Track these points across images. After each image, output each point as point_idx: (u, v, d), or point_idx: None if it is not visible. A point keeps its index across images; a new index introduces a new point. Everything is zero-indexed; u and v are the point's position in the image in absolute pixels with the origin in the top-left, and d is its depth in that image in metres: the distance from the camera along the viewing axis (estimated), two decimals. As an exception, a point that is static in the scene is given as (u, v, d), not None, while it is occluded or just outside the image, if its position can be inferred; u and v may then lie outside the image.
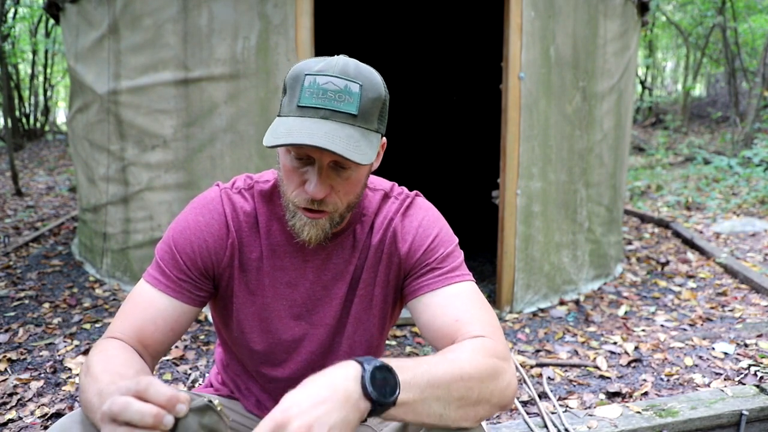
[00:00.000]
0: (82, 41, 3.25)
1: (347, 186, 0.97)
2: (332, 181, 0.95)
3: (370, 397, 0.74)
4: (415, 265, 1.07)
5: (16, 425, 1.92)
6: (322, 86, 0.90)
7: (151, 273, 1.04)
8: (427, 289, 1.04)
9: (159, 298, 1.02)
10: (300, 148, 0.91)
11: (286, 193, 0.98)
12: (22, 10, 11.11)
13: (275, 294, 1.09)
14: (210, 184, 2.82)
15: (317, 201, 0.95)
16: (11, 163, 6.25)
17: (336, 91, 0.90)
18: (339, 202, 0.98)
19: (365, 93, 0.92)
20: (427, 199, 1.16)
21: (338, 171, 0.95)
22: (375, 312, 1.12)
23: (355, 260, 1.10)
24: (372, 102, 0.93)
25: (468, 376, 0.84)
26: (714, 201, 5.81)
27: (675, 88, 17.42)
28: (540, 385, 2.24)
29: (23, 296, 3.10)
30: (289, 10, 2.66)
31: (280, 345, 1.12)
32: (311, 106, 0.90)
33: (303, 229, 0.98)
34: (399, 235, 1.08)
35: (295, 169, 0.95)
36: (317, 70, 0.92)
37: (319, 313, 1.11)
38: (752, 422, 1.95)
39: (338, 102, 0.90)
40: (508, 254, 3.01)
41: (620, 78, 3.45)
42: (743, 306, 3.10)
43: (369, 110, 0.93)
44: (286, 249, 1.08)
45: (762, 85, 8.42)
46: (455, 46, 5.74)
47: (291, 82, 0.94)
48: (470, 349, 0.90)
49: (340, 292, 1.11)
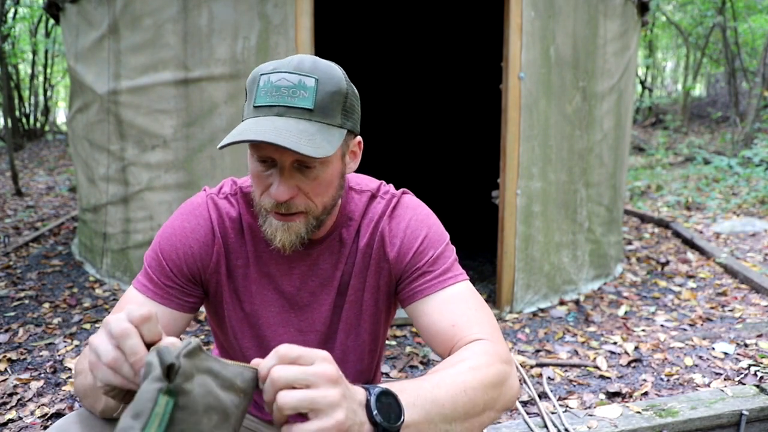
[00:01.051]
0: (82, 41, 3.25)
1: (315, 186, 0.94)
2: (298, 182, 0.92)
3: (375, 422, 0.72)
4: (406, 270, 1.05)
5: (16, 425, 1.92)
6: (275, 84, 0.89)
7: (139, 280, 1.04)
8: (420, 295, 1.02)
9: (147, 305, 0.99)
10: (259, 149, 0.90)
11: (256, 197, 0.96)
12: (22, 10, 11.11)
13: (262, 301, 1.08)
14: (210, 184, 2.81)
15: (284, 204, 0.93)
16: (11, 163, 6.25)
17: (289, 87, 0.89)
18: (311, 204, 0.95)
19: (322, 87, 0.90)
20: (416, 197, 1.13)
21: (303, 171, 0.92)
22: (366, 318, 1.11)
23: (342, 265, 1.08)
24: (330, 96, 0.91)
25: (471, 389, 0.82)
26: (714, 201, 5.81)
27: (675, 88, 17.41)
28: (540, 385, 2.24)
29: (23, 296, 3.10)
30: (289, 10, 2.66)
31: (270, 350, 1.12)
32: (266, 105, 0.89)
33: (275, 234, 0.95)
34: (387, 239, 1.06)
35: (260, 173, 0.93)
36: (271, 69, 0.91)
37: (308, 319, 1.10)
38: (752, 422, 1.95)
39: (292, 98, 0.89)
40: (508, 254, 3.01)
41: (620, 78, 3.45)
42: (743, 306, 3.10)
43: (327, 104, 0.91)
44: (271, 255, 1.06)
45: (762, 85, 8.42)
46: (455, 46, 5.73)
47: (249, 85, 0.93)
48: (471, 357, 0.88)
49: (329, 298, 1.09)
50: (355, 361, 1.14)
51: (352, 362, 1.13)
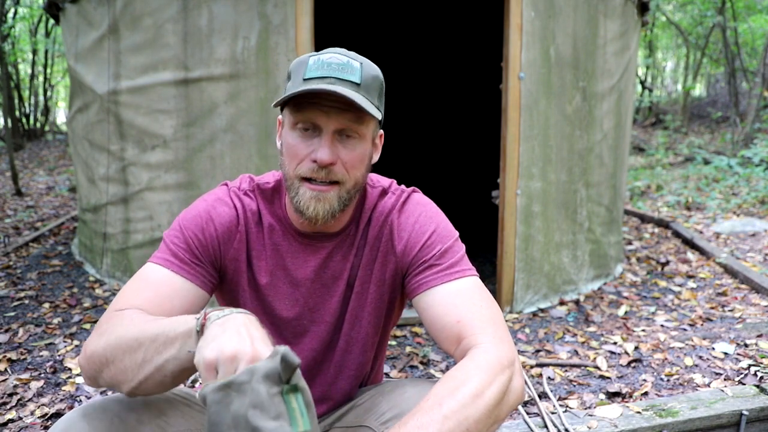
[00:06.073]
0: (82, 41, 3.25)
1: (353, 157, 0.99)
2: (338, 150, 0.98)
3: None
4: (413, 263, 1.06)
5: (16, 425, 1.92)
6: (326, 61, 0.96)
7: (160, 256, 1.02)
8: (426, 286, 1.02)
9: (173, 278, 1.00)
10: (307, 115, 0.95)
11: (290, 170, 0.99)
12: (22, 10, 11.11)
13: (276, 293, 1.10)
14: (210, 184, 2.83)
15: (325, 169, 0.96)
16: (11, 163, 6.25)
17: (339, 64, 0.96)
18: (346, 175, 0.99)
19: (365, 70, 0.98)
20: (425, 195, 1.16)
21: (344, 141, 0.98)
22: (368, 309, 1.12)
23: (352, 257, 1.11)
24: (372, 78, 0.99)
25: (475, 422, 0.81)
26: (714, 201, 5.81)
27: (675, 88, 17.41)
28: (540, 385, 2.24)
29: (23, 296, 3.10)
30: (289, 10, 2.66)
31: (283, 340, 1.13)
32: (317, 77, 0.95)
33: (309, 203, 0.98)
34: (395, 233, 1.08)
35: (302, 141, 0.98)
36: (320, 52, 0.99)
37: (319, 310, 1.12)
38: (752, 422, 1.95)
39: (342, 72, 0.95)
40: (508, 254, 3.01)
41: (620, 78, 3.45)
42: (743, 306, 3.10)
43: (371, 84, 0.98)
44: (287, 249, 1.09)
45: (762, 85, 8.42)
46: (455, 46, 5.73)
47: (295, 66, 1.00)
48: (472, 378, 0.85)
49: (339, 289, 1.11)
50: (358, 352, 1.15)
51: (355, 353, 1.15)
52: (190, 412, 1.02)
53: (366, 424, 1.06)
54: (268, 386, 0.67)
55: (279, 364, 0.68)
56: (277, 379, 0.68)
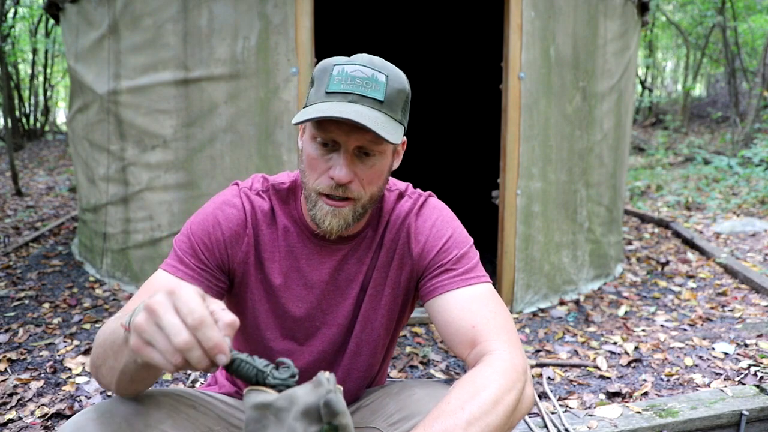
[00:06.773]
0: (82, 41, 3.25)
1: (371, 174, 0.98)
2: (356, 168, 0.97)
3: None
4: (429, 266, 1.06)
5: (16, 425, 1.92)
6: (350, 74, 0.94)
7: (169, 263, 1.04)
8: (441, 290, 1.03)
9: (179, 284, 1.00)
10: (327, 131, 0.94)
11: (309, 183, 0.99)
12: (22, 10, 11.11)
13: (290, 295, 1.10)
14: (210, 184, 2.84)
15: (342, 187, 0.96)
16: (11, 163, 6.25)
17: (364, 78, 0.94)
18: (362, 192, 0.99)
19: (391, 83, 0.96)
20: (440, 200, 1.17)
21: (362, 158, 0.97)
22: (382, 312, 1.12)
23: (368, 260, 1.11)
24: (397, 93, 0.97)
25: (498, 421, 0.83)
26: (714, 201, 5.81)
27: (675, 88, 17.41)
28: (540, 385, 2.24)
29: (23, 296, 3.10)
30: (289, 10, 2.66)
31: (295, 342, 1.13)
32: (340, 92, 0.94)
33: (325, 218, 0.99)
34: (412, 236, 1.09)
35: (320, 156, 0.97)
36: (345, 61, 0.96)
37: (332, 312, 1.12)
38: (752, 422, 1.95)
39: (365, 88, 0.94)
40: (508, 254, 3.01)
41: (620, 78, 3.45)
42: (743, 306, 3.10)
43: (394, 100, 0.97)
44: (302, 251, 1.09)
45: (762, 85, 8.42)
46: (455, 46, 5.73)
47: (319, 73, 0.98)
48: (491, 384, 0.87)
49: (353, 292, 1.11)
50: (368, 354, 1.16)
51: (365, 355, 1.15)
52: (195, 415, 1.03)
53: (373, 425, 1.06)
54: (306, 425, 0.64)
55: (321, 402, 0.64)
56: (317, 416, 0.65)
